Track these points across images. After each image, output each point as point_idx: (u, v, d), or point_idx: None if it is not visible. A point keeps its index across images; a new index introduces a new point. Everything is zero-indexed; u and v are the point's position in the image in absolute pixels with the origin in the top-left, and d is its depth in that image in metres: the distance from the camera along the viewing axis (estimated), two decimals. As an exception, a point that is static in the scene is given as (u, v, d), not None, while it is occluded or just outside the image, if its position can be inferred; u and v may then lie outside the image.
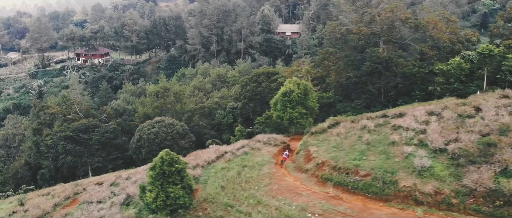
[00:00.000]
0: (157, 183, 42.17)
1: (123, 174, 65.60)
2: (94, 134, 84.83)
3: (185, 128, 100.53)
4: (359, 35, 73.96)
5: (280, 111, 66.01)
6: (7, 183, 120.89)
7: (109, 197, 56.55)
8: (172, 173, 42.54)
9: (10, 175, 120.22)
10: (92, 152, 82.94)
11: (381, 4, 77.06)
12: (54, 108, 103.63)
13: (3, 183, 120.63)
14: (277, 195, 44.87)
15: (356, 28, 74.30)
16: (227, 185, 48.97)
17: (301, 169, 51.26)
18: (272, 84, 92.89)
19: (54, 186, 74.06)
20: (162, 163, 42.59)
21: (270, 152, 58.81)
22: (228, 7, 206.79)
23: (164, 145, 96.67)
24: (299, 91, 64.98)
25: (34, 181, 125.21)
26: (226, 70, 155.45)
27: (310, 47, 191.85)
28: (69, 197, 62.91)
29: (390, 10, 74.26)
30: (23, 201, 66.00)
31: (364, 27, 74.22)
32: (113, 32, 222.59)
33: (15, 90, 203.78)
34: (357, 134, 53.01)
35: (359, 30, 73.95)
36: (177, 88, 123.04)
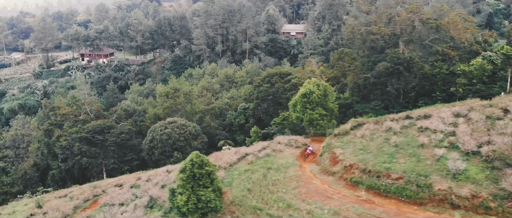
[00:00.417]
0: (187, 186, 41.60)
1: (142, 175, 64.93)
2: (109, 135, 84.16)
3: (197, 129, 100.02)
4: (379, 35, 73.36)
5: (299, 112, 65.41)
6: (16, 184, 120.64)
7: (131, 199, 55.95)
8: (202, 176, 41.99)
9: (18, 176, 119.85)
10: (107, 153, 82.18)
11: (399, 5, 76.35)
12: (65, 109, 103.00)
13: (12, 184, 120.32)
14: (307, 199, 44.31)
15: (376, 28, 73.72)
16: (253, 187, 48.37)
17: (328, 172, 50.66)
18: (286, 85, 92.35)
19: (70, 188, 73.33)
20: (192, 165, 42.00)
21: (292, 154, 58.22)
22: (233, 7, 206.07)
23: (177, 146, 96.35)
24: (319, 92, 64.41)
25: (42, 182, 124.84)
26: (233, 70, 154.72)
27: (316, 47, 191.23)
28: (88, 199, 62.30)
29: (411, 10, 73.71)
30: (40, 203, 65.35)
31: (384, 27, 73.63)
32: (118, 32, 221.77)
33: (20, 90, 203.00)
34: (383, 136, 52.42)
35: (379, 30, 73.36)
36: (187, 88, 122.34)
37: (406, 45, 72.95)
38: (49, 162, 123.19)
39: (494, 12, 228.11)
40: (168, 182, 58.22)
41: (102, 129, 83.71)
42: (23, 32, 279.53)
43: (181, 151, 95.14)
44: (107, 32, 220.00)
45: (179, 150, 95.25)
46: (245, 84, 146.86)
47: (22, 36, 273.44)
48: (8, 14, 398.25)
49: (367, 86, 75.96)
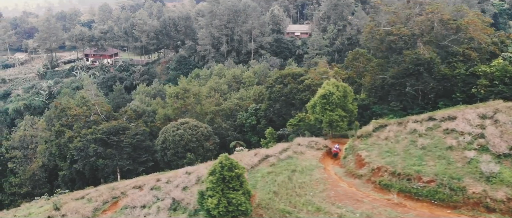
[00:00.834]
0: (218, 189, 41.10)
1: (161, 177, 64.33)
2: (124, 136, 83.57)
3: (209, 130, 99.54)
4: (398, 36, 72.88)
5: (318, 113, 64.86)
6: (24, 184, 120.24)
7: (153, 201, 55.44)
8: (232, 178, 41.48)
9: (26, 177, 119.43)
10: (122, 155, 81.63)
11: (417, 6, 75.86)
12: (75, 110, 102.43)
13: (20, 185, 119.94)
14: (337, 202, 43.81)
15: (395, 29, 73.27)
16: (279, 190, 47.89)
17: (354, 174, 50.19)
18: (299, 86, 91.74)
19: (86, 189, 72.62)
20: (221, 168, 41.50)
21: (314, 156, 57.75)
22: (238, 7, 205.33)
23: (189, 147, 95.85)
24: (339, 93, 63.90)
25: (50, 183, 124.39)
26: (241, 71, 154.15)
27: (322, 47, 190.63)
28: (107, 201, 61.77)
29: (431, 11, 73.26)
30: (58, 205, 64.79)
31: (404, 28, 73.14)
32: (122, 32, 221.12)
33: (24, 91, 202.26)
34: (409, 138, 51.97)
35: (399, 31, 72.88)
36: (196, 89, 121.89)
37: (425, 46, 72.43)
38: (58, 163, 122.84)
39: (499, 12, 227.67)
40: (189, 184, 57.83)
41: (117, 130, 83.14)
42: (27, 32, 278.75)
43: (194, 152, 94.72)
44: (112, 32, 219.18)
45: (191, 151, 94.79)
46: (253, 85, 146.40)
47: (26, 36, 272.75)
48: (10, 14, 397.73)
49: (385, 87, 75.48)
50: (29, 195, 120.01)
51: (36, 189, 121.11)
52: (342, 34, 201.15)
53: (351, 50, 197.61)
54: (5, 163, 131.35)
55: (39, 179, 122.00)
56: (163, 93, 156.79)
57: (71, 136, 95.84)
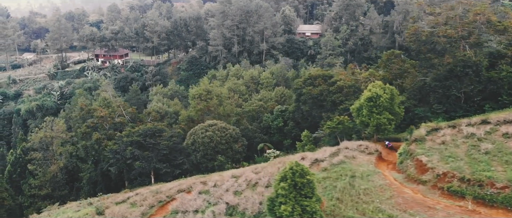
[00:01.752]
0: (290, 196, 40.16)
1: (207, 180, 63.35)
2: (160, 138, 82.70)
3: (237, 132, 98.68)
4: (445, 37, 72.02)
5: (365, 116, 63.89)
6: (44, 186, 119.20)
7: (205, 206, 54.51)
8: (303, 185, 40.56)
9: (46, 179, 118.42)
10: (159, 157, 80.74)
11: (460, 6, 75.02)
12: (101, 111, 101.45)
13: (40, 187, 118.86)
14: (408, 209, 42.98)
15: (442, 30, 72.43)
16: (342, 196, 47.02)
17: (416, 180, 49.30)
18: (331, 88, 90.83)
19: (125, 193, 71.54)
20: (293, 174, 40.59)
21: (368, 161, 56.87)
22: (250, 7, 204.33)
23: (219, 149, 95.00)
24: (386, 96, 63.00)
25: (70, 185, 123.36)
26: (258, 71, 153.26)
27: (335, 48, 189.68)
28: (154, 206, 60.75)
29: (478, 12, 72.41)
30: (100, 209, 63.83)
31: (450, 29, 72.29)
32: (133, 33, 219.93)
33: (36, 91, 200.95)
34: (468, 142, 51.20)
35: (446, 32, 72.05)
36: (218, 90, 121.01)
37: (470, 47, 71.63)
38: (79, 165, 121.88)
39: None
40: (239, 189, 56.97)
41: (153, 132, 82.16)
42: (35, 33, 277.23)
43: (223, 154, 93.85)
44: (123, 33, 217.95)
45: (221, 153, 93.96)
46: (271, 85, 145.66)
47: (34, 37, 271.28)
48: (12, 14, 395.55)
49: (426, 89, 74.62)
50: (49, 197, 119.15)
51: (56, 191, 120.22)
52: (354, 34, 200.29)
53: (364, 51, 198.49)
54: (24, 165, 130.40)
55: (59, 181, 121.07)
56: (180, 94, 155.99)
57: (98, 138, 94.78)
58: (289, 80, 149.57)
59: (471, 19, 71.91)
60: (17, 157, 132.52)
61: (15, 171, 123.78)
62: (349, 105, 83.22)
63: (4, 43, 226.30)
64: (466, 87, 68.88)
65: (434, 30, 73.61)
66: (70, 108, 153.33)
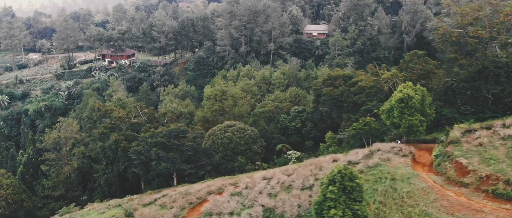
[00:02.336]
0: (340, 200, 39.64)
1: (238, 182, 62.79)
2: (184, 139, 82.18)
3: (256, 132, 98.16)
4: (475, 38, 71.56)
5: (396, 118, 63.29)
6: (57, 187, 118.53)
7: (240, 208, 53.98)
8: (353, 189, 40.05)
9: (60, 180, 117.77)
10: (184, 158, 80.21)
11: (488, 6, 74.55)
12: (118, 112, 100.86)
13: (53, 188, 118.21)
14: (455, 213, 42.56)
15: (473, 31, 71.93)
16: (385, 200, 46.62)
17: (457, 183, 48.87)
18: (352, 88, 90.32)
19: (151, 194, 70.87)
20: (342, 178, 40.08)
21: (404, 163, 56.33)
22: (258, 8, 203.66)
23: (238, 150, 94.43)
24: (418, 97, 62.45)
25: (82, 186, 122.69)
26: (269, 72, 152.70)
27: (343, 48, 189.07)
28: (184, 207, 60.27)
29: (509, 13, 71.91)
30: (129, 211, 63.33)
31: (481, 30, 71.81)
32: (140, 33, 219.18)
33: (43, 91, 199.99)
34: (507, 144, 50.70)
35: (477, 33, 71.54)
36: (233, 91, 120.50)
37: (501, 48, 71.20)
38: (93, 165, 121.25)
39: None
40: (273, 191, 56.52)
41: (177, 133, 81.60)
42: (40, 33, 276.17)
43: (243, 155, 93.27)
44: (130, 33, 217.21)
45: (240, 154, 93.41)
46: (283, 86, 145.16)
47: (39, 37, 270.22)
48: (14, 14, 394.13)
49: (454, 90, 74.16)
50: (62, 198, 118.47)
51: (69, 192, 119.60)
52: (363, 34, 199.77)
53: (372, 51, 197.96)
54: (36, 166, 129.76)
55: (72, 181, 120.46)
56: (191, 94, 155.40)
57: (117, 139, 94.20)
58: (301, 80, 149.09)
59: (501, 20, 71.42)
60: (29, 157, 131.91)
61: (28, 172, 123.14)
62: (372, 106, 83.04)
63: (10, 43, 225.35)
64: (495, 89, 68.36)
65: (463, 30, 73.03)
66: (81, 108, 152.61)
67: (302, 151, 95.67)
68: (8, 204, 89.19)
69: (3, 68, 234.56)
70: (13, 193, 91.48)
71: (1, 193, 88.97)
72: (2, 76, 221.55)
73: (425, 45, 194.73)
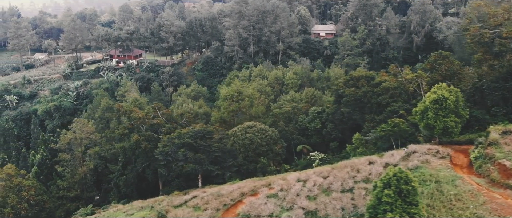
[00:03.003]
0: (397, 203, 39.12)
1: (272, 183, 62.23)
2: (211, 140, 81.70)
3: (276, 133, 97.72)
4: (509, 39, 71.09)
5: (431, 119, 62.86)
6: (72, 188, 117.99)
7: (279, 210, 53.46)
8: (409, 192, 39.53)
9: (75, 180, 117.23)
10: (211, 159, 79.74)
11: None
12: (138, 112, 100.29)
13: (68, 188, 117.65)
14: (507, 215, 42.02)
15: (507, 31, 71.42)
16: (433, 203, 46.24)
17: (502, 185, 48.45)
18: (375, 89, 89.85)
19: (182, 195, 70.21)
20: (397, 181, 39.55)
21: (444, 165, 55.88)
22: (267, 8, 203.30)
23: (260, 151, 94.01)
24: (452, 98, 62.05)
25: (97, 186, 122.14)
26: (282, 72, 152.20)
27: (353, 48, 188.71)
28: (219, 209, 59.69)
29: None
30: (162, 213, 62.72)
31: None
32: (149, 33, 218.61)
33: (52, 92, 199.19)
34: (551, 146, 50.25)
35: (510, 34, 71.00)
36: (250, 91, 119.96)
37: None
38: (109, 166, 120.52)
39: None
40: (311, 193, 56.08)
41: (203, 134, 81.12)
42: (46, 33, 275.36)
43: (264, 156, 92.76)
44: (138, 33, 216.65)
45: (261, 155, 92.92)
46: (296, 86, 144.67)
47: (45, 37, 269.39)
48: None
49: (484, 90, 73.76)
50: (77, 198, 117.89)
51: (84, 192, 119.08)
52: (372, 34, 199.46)
53: (381, 51, 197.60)
54: (50, 166, 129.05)
55: (88, 182, 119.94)
56: (202, 94, 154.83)
57: (138, 139, 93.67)
58: (314, 81, 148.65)
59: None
60: (43, 158, 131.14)
61: (42, 172, 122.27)
62: (397, 107, 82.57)
63: (18, 43, 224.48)
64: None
65: (496, 31, 72.61)
66: (93, 108, 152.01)
67: (323, 152, 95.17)
68: (30, 205, 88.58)
69: (10, 68, 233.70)
70: (35, 194, 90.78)
71: (23, 194, 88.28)
72: (10, 76, 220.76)
73: (435, 45, 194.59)
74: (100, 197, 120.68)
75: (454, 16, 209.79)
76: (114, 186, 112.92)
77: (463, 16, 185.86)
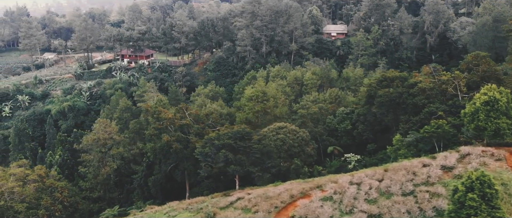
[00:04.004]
0: (482, 207, 38.39)
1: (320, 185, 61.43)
2: (250, 141, 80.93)
3: (307, 134, 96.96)
4: None
5: (482, 121, 62.17)
6: (95, 188, 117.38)
7: (339, 214, 52.69)
8: (492, 196, 38.82)
9: (98, 181, 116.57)
10: (251, 161, 78.99)
11: None
12: (167, 113, 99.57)
13: (91, 189, 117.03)
14: None
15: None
16: (503, 206, 45.18)
17: None
18: (411, 90, 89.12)
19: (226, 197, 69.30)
20: (481, 184, 38.82)
21: (504, 167, 55.18)
22: (280, 8, 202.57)
23: (292, 152, 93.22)
24: (504, 100, 61.38)
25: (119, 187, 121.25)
26: (301, 72, 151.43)
27: (367, 48, 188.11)
28: (271, 211, 58.90)
29: None
30: (210, 215, 61.99)
31: None
32: (161, 33, 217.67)
33: (64, 92, 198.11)
34: None
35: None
36: (273, 92, 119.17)
37: None
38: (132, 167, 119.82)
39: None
40: (369, 197, 55.27)
41: (243, 135, 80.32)
42: (55, 32, 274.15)
43: (297, 157, 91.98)
44: (150, 33, 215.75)
45: (294, 156, 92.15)
46: (316, 86, 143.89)
47: (54, 36, 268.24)
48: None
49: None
50: (100, 199, 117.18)
51: (107, 193, 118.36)
52: (385, 34, 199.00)
53: (395, 51, 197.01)
54: (71, 167, 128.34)
55: (109, 183, 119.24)
56: (220, 95, 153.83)
57: (169, 140, 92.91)
58: (333, 81, 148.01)
59: None
60: (65, 159, 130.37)
61: (63, 173, 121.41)
62: (435, 108, 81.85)
63: (29, 43, 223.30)
64: None
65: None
66: (110, 109, 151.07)
67: (353, 153, 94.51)
68: (65, 207, 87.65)
69: (20, 68, 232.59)
70: (68, 195, 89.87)
71: (57, 195, 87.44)
72: (21, 76, 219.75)
73: (448, 45, 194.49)
74: (122, 198, 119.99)
75: (464, 16, 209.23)
76: (138, 187, 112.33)
77: (476, 17, 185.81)
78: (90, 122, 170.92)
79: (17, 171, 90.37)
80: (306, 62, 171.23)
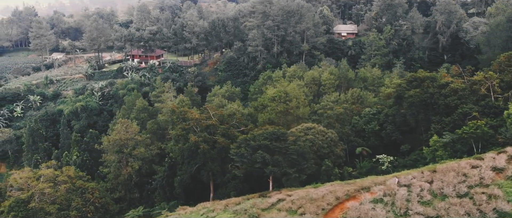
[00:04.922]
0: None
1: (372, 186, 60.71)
2: (286, 142, 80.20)
3: (336, 135, 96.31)
4: None
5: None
6: (116, 189, 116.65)
7: (393, 216, 51.95)
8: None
9: (119, 182, 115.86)
10: (287, 162, 78.28)
11: None
12: (193, 113, 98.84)
13: (112, 189, 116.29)
14: None
15: None
16: None
17: None
18: (443, 90, 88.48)
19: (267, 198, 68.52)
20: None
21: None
22: (292, 8, 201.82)
23: (321, 153, 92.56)
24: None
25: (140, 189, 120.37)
26: (318, 72, 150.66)
27: (380, 48, 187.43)
28: (318, 213, 58.17)
29: None
30: (255, 215, 61.22)
31: None
32: (171, 33, 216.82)
33: (75, 92, 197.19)
34: None
35: None
36: (295, 92, 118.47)
37: None
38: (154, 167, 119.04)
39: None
40: (423, 199, 54.54)
41: (278, 136, 79.55)
42: (63, 32, 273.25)
43: (327, 158, 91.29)
44: (161, 33, 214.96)
45: (323, 157, 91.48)
46: (334, 86, 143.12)
47: (62, 36, 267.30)
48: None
49: None
50: (121, 200, 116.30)
51: (127, 194, 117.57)
52: (397, 34, 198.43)
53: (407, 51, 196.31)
54: (90, 167, 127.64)
55: (130, 183, 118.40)
56: (236, 95, 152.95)
57: (196, 141, 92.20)
58: (351, 81, 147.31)
59: None
60: (84, 159, 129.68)
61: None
62: (469, 109, 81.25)
63: (40, 43, 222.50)
64: None
65: None
66: (127, 109, 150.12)
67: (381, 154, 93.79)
68: (96, 208, 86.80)
69: (29, 68, 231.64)
70: (99, 196, 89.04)
71: (88, 196, 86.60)
72: (31, 76, 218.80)
73: (460, 46, 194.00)
74: (143, 198, 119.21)
75: (475, 16, 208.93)
76: (159, 187, 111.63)
77: (489, 17, 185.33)
78: (103, 122, 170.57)
79: (47, 172, 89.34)
80: (321, 63, 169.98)
